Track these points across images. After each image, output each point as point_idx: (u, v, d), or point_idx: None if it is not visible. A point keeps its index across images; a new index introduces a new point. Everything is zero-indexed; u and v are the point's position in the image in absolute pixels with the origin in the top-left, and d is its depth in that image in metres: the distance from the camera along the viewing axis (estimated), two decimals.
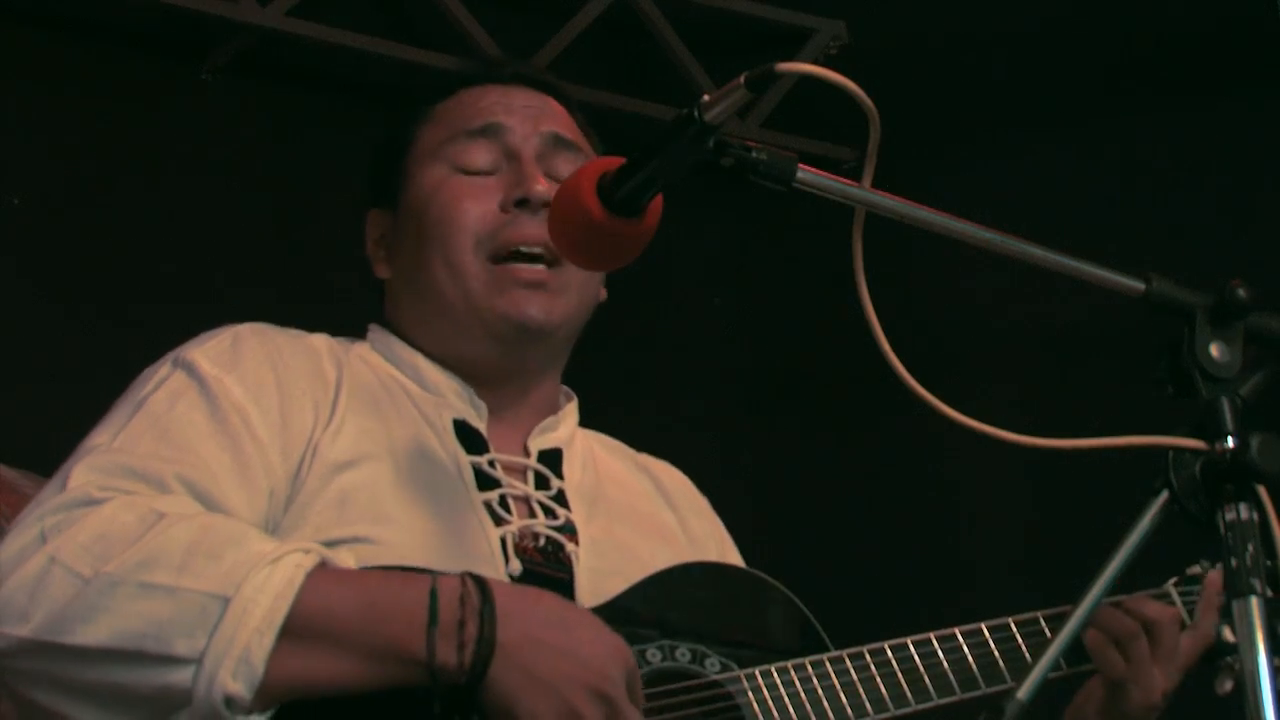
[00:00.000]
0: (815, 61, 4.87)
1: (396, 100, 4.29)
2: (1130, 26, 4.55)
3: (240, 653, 2.00)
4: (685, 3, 4.95)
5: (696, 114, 1.84)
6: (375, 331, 2.52)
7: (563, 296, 2.43)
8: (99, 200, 4.28)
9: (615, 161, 1.96)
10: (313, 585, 2.06)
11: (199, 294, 4.14)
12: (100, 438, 2.22)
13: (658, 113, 4.62)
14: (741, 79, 1.82)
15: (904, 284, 3.79)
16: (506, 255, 2.42)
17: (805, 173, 1.87)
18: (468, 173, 2.47)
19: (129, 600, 2.02)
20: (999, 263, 1.92)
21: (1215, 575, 2.51)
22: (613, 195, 1.93)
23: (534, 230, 2.40)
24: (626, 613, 2.27)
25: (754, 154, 1.87)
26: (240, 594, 2.02)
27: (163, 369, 2.32)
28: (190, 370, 2.29)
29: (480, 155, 2.47)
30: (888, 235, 1.94)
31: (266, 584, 2.03)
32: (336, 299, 2.57)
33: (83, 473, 2.15)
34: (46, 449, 2.38)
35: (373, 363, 2.45)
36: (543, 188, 2.41)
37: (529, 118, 2.51)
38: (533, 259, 2.41)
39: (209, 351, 2.32)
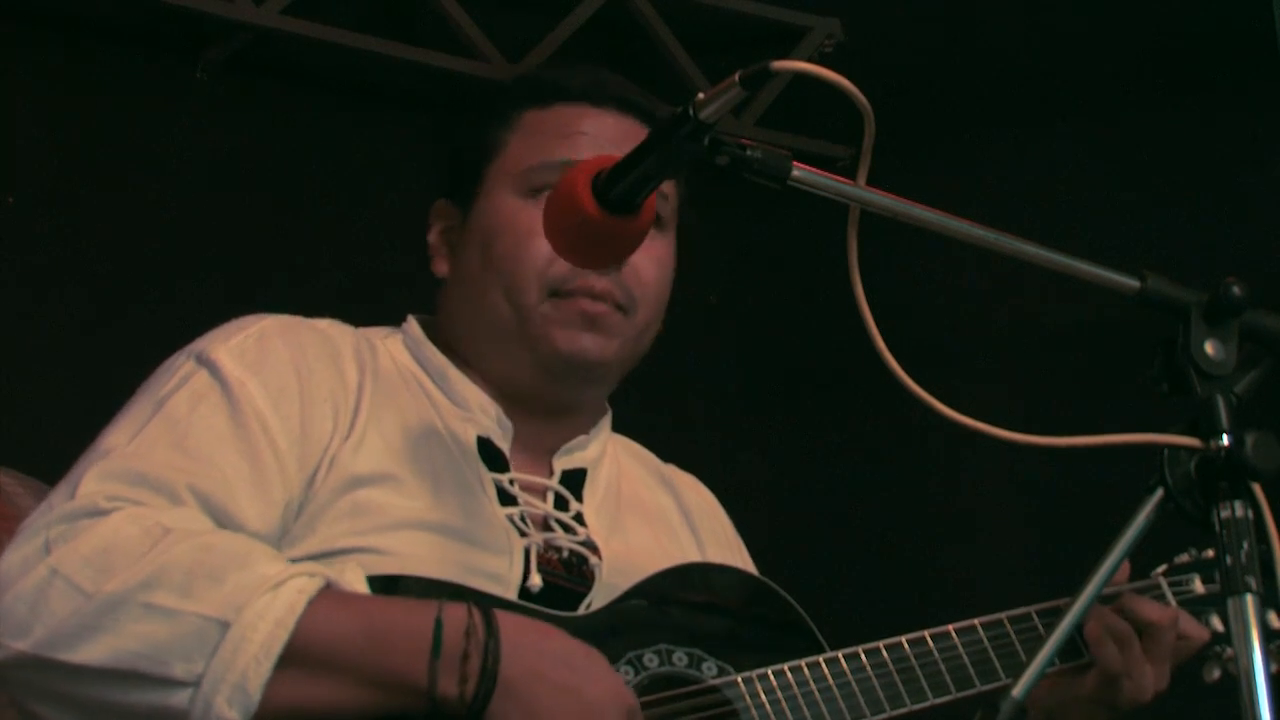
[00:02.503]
0: (810, 59, 4.88)
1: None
2: (1126, 25, 4.55)
3: (237, 679, 1.99)
4: (680, 1, 4.95)
5: (691, 112, 1.84)
6: (411, 328, 2.49)
7: (620, 340, 2.42)
8: (94, 199, 4.28)
9: (610, 159, 1.95)
10: (315, 612, 2.04)
11: (194, 293, 4.14)
12: (117, 438, 2.20)
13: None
14: (736, 77, 1.82)
15: (899, 282, 3.79)
16: (571, 294, 2.39)
17: (800, 170, 1.87)
18: (541, 193, 2.38)
19: (130, 620, 2.01)
20: (994, 260, 1.92)
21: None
22: (608, 193, 1.92)
23: (600, 285, 2.38)
24: (623, 618, 2.27)
25: (749, 152, 1.86)
26: (240, 619, 2.01)
27: (186, 364, 2.29)
28: (214, 370, 2.26)
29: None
30: (883, 233, 1.94)
31: (267, 610, 2.02)
32: (331, 297, 2.56)
33: (93, 480, 2.13)
34: (44, 449, 2.37)
35: (401, 364, 2.43)
36: None
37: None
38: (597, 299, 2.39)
39: (234, 350, 2.29)
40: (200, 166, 4.41)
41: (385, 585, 2.16)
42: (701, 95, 1.84)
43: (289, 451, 2.23)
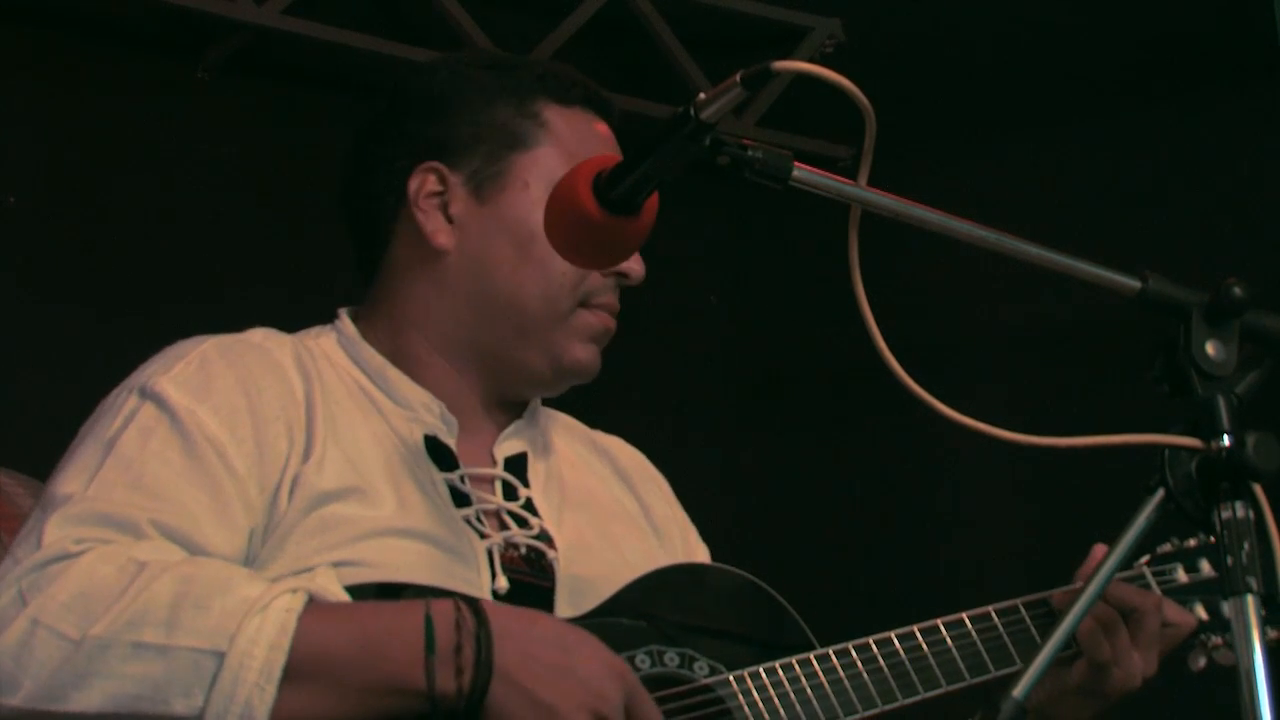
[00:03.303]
0: (811, 59, 4.88)
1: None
2: (1125, 25, 4.56)
3: (241, 709, 2.00)
4: (680, 1, 4.95)
5: (692, 112, 1.84)
6: (345, 326, 2.46)
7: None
8: (94, 199, 4.28)
9: (611, 160, 1.96)
10: (306, 627, 2.05)
11: (194, 293, 4.14)
12: (73, 485, 2.16)
13: (654, 111, 4.62)
14: (737, 77, 1.82)
15: (900, 282, 3.79)
16: (597, 308, 2.43)
17: (801, 171, 1.87)
18: None
19: (121, 662, 2.01)
20: (995, 261, 1.92)
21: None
22: (608, 193, 1.92)
23: (616, 302, 2.45)
24: (613, 619, 2.27)
25: (749, 152, 1.86)
26: (235, 647, 2.01)
27: (130, 401, 2.25)
28: (160, 402, 2.22)
29: None
30: (883, 233, 1.94)
31: (259, 634, 2.02)
32: (332, 298, 2.56)
33: (56, 527, 2.10)
34: (44, 449, 2.36)
35: (340, 366, 2.40)
36: (642, 271, 2.43)
37: None
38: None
39: (177, 379, 2.25)
40: (200, 166, 4.41)
41: (385, 593, 2.17)
42: (702, 95, 1.84)
43: (248, 475, 2.21)
